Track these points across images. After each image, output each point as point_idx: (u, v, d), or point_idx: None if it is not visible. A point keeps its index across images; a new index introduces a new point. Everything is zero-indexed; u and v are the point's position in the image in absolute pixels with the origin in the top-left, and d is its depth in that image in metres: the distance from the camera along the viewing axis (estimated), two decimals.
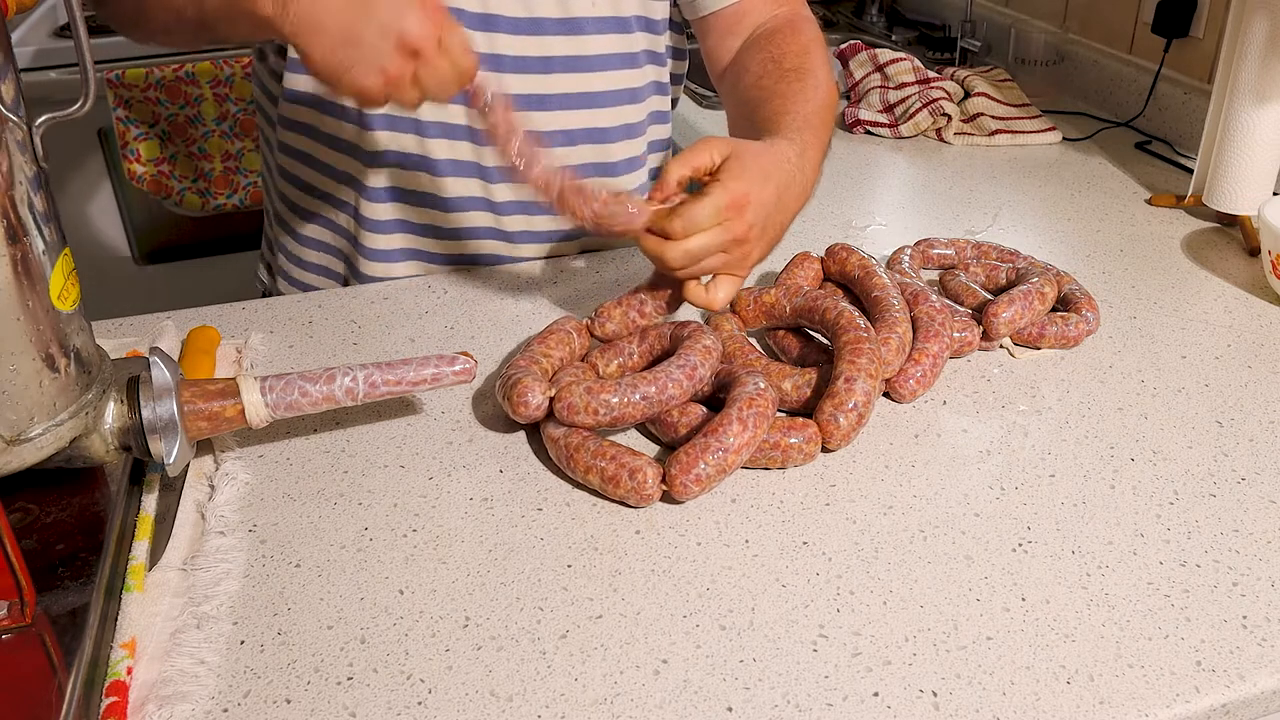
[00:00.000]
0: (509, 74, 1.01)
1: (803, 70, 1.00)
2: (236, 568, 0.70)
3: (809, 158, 0.90)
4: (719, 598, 0.68)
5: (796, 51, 1.03)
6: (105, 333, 0.95)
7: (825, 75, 1.01)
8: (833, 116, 0.98)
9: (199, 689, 0.61)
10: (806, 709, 0.60)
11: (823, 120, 0.95)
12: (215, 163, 2.09)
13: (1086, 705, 0.61)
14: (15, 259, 0.61)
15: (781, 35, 1.06)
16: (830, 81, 1.01)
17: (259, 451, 0.81)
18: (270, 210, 1.21)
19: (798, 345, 0.92)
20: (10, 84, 0.60)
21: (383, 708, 0.60)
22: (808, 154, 0.90)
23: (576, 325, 0.89)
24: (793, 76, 0.99)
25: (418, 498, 0.77)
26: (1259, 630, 0.66)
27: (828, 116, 0.96)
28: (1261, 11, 1.11)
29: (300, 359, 0.93)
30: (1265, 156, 1.16)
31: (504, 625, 0.66)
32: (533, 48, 1.01)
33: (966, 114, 1.52)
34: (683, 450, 0.74)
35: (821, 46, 1.06)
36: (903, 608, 0.67)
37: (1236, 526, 0.75)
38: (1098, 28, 1.65)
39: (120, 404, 0.69)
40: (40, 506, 0.68)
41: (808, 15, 1.10)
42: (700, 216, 0.81)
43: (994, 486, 0.78)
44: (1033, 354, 0.95)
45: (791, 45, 1.04)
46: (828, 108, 0.97)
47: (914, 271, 1.00)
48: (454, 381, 0.79)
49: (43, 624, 0.60)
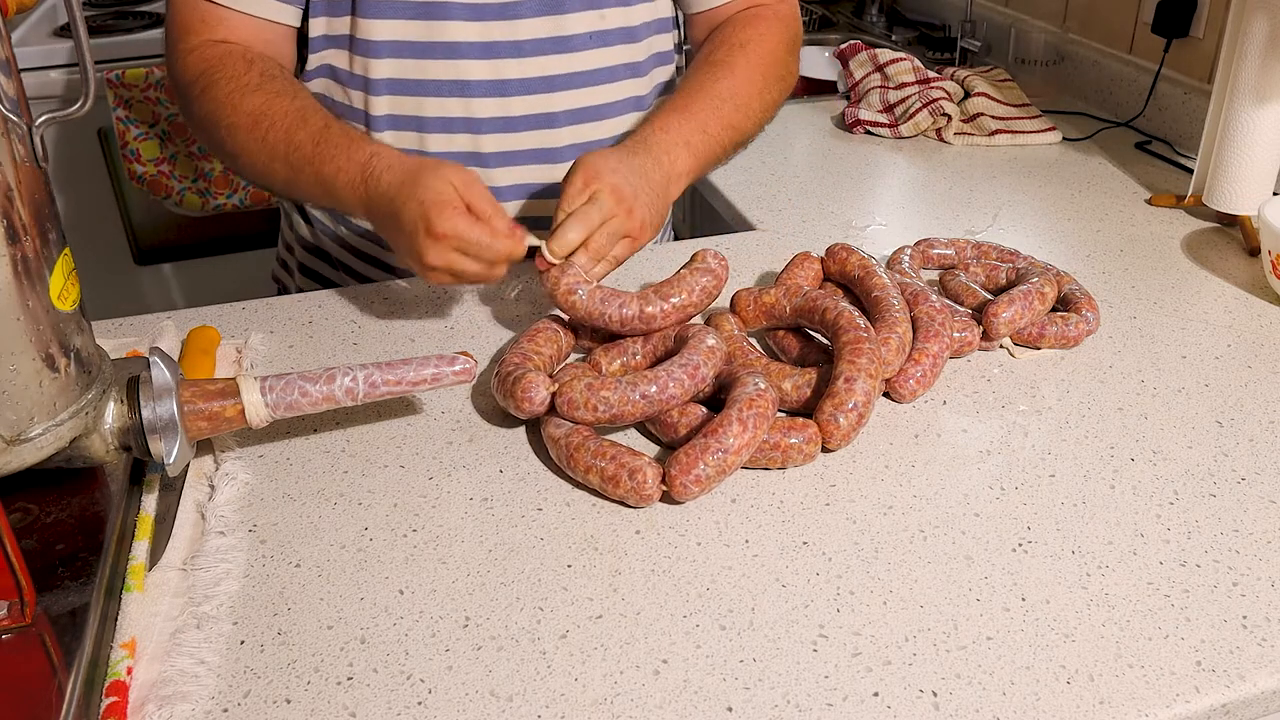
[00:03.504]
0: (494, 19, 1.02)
1: (722, 63, 1.03)
2: (236, 568, 0.70)
3: (658, 139, 0.96)
4: (719, 598, 0.68)
5: (734, 43, 1.06)
6: (105, 333, 0.95)
7: (747, 66, 1.04)
8: (736, 99, 1.02)
9: (199, 689, 0.61)
10: (806, 709, 0.60)
11: (708, 103, 1.00)
12: (215, 163, 2.08)
13: (1086, 705, 0.61)
14: (15, 259, 0.61)
15: (732, 27, 1.09)
16: (756, 65, 1.04)
17: (259, 451, 0.81)
18: (288, 210, 1.22)
19: (798, 345, 0.92)
20: (10, 84, 0.60)
21: (383, 708, 0.60)
22: (655, 137, 0.96)
23: (563, 323, 0.89)
24: (706, 68, 1.03)
25: (418, 498, 0.77)
26: (1259, 630, 0.66)
27: (721, 102, 1.01)
28: (1261, 11, 1.11)
29: (300, 359, 0.93)
30: (1265, 156, 1.16)
31: (504, 625, 0.66)
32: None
33: (966, 114, 1.52)
34: (683, 450, 0.74)
35: (772, 38, 1.08)
36: (903, 608, 0.67)
37: (1236, 526, 0.75)
38: (1098, 28, 1.65)
39: (120, 404, 0.69)
40: (40, 506, 0.68)
41: (780, 13, 1.11)
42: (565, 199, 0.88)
43: (994, 486, 0.78)
44: (1033, 354, 0.95)
45: (734, 36, 1.07)
46: (728, 96, 1.02)
47: (914, 271, 1.00)
48: (454, 381, 0.79)
49: (43, 624, 0.60)
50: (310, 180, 0.92)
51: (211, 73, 0.95)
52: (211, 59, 0.96)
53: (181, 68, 0.98)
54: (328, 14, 1.01)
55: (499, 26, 1.01)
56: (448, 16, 1.00)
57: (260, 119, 0.93)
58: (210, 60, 0.96)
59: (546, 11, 1.02)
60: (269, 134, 0.93)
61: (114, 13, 2.25)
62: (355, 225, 1.13)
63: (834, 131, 1.55)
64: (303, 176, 0.92)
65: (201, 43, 0.98)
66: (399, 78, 1.02)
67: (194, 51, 0.97)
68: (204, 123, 0.97)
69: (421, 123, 1.03)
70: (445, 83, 1.02)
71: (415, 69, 1.01)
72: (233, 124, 0.94)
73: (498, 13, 1.01)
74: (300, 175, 0.92)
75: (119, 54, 2.06)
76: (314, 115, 0.93)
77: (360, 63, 1.02)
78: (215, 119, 0.95)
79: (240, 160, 0.97)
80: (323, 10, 1.01)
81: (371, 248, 1.13)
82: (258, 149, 0.94)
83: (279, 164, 0.93)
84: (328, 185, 0.91)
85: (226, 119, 0.94)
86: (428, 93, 1.02)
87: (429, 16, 1.00)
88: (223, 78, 0.95)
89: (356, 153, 0.90)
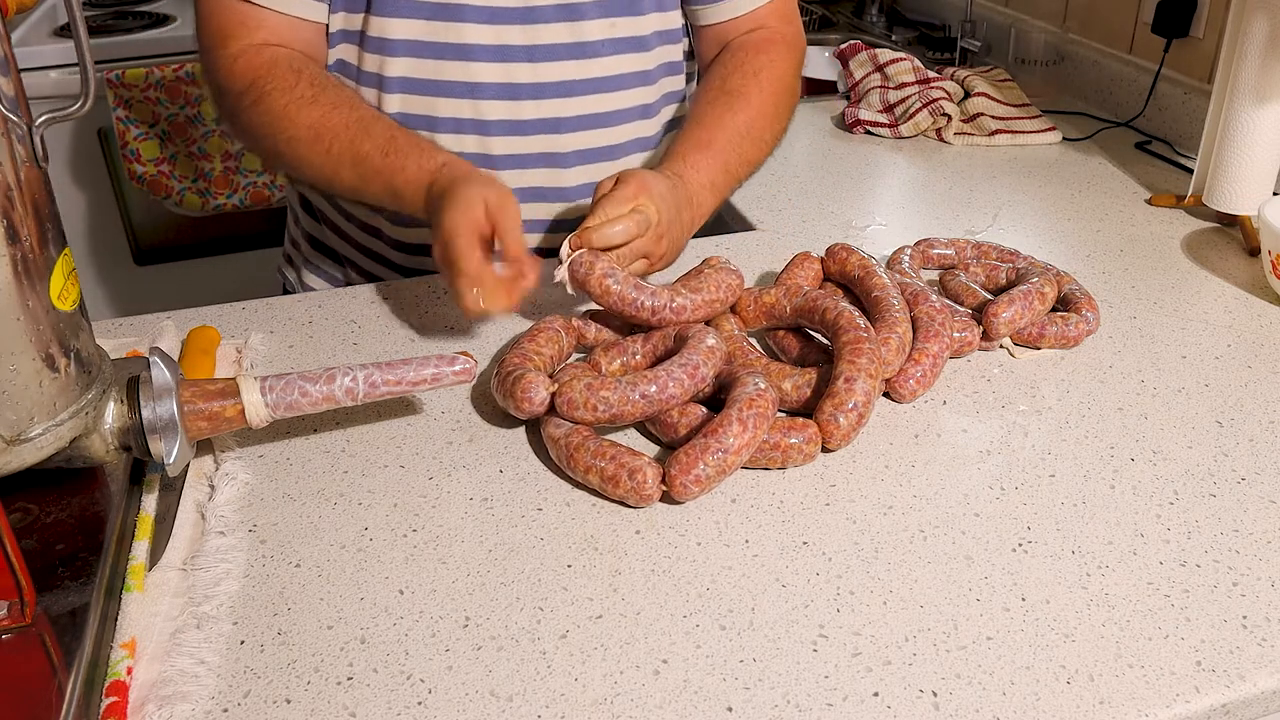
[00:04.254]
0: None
1: (738, 92, 1.06)
2: (236, 568, 0.70)
3: (691, 179, 0.99)
4: (719, 598, 0.68)
5: (748, 71, 1.08)
6: (105, 333, 0.95)
7: (761, 97, 1.07)
8: (753, 134, 1.06)
9: (199, 689, 0.61)
10: (806, 709, 0.60)
11: (729, 141, 1.03)
12: (215, 163, 2.09)
13: (1086, 705, 0.61)
14: (15, 259, 0.61)
15: (744, 52, 1.10)
16: (768, 95, 1.07)
17: (259, 451, 0.81)
18: (294, 208, 1.23)
19: (798, 345, 0.92)
20: (10, 84, 0.60)
21: (383, 708, 0.60)
22: (689, 176, 0.99)
23: (564, 324, 0.89)
24: (724, 99, 1.05)
25: (418, 498, 0.77)
26: (1259, 630, 0.66)
27: (740, 139, 1.04)
28: (1261, 11, 1.11)
29: (300, 359, 0.93)
30: (1265, 156, 1.16)
31: (504, 625, 0.66)
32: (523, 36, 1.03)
33: (966, 114, 1.52)
34: (683, 450, 0.74)
35: (782, 65, 1.10)
36: (903, 608, 0.67)
37: (1236, 526, 0.75)
38: (1098, 28, 1.65)
39: (120, 404, 0.69)
40: (40, 506, 0.68)
41: (787, 36, 1.14)
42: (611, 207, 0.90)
43: (994, 486, 0.78)
44: (1033, 354, 0.95)
45: (747, 64, 1.09)
46: (745, 131, 1.05)
47: (914, 271, 1.00)
48: (454, 381, 0.79)
49: (43, 624, 0.60)
50: (380, 189, 0.95)
51: (262, 84, 0.96)
52: (259, 68, 0.97)
53: (228, 76, 0.98)
54: (345, 9, 1.02)
55: (515, 31, 1.01)
56: (463, 19, 1.00)
57: (322, 132, 0.95)
58: (258, 69, 0.97)
59: (565, 18, 1.02)
60: (332, 146, 0.95)
61: (114, 13, 2.25)
62: (360, 220, 1.13)
63: (834, 131, 1.55)
64: (371, 186, 0.95)
65: (244, 48, 0.98)
66: (413, 77, 1.02)
67: (239, 59, 0.98)
68: (256, 133, 0.98)
69: (433, 123, 1.03)
70: (457, 84, 1.02)
71: (429, 69, 1.02)
72: (292, 137, 0.96)
73: (515, 17, 1.01)
74: (368, 185, 0.95)
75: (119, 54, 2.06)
76: (376, 125, 0.96)
77: (374, 60, 1.02)
78: (272, 131, 0.96)
79: (301, 171, 0.99)
80: (341, 6, 1.02)
81: (375, 244, 1.13)
82: (321, 161, 0.96)
83: (346, 172, 0.95)
84: (398, 194, 0.94)
85: (285, 132, 0.96)
86: (440, 93, 1.02)
87: (445, 18, 1.00)
88: (275, 89, 0.96)
89: (427, 161, 0.92)
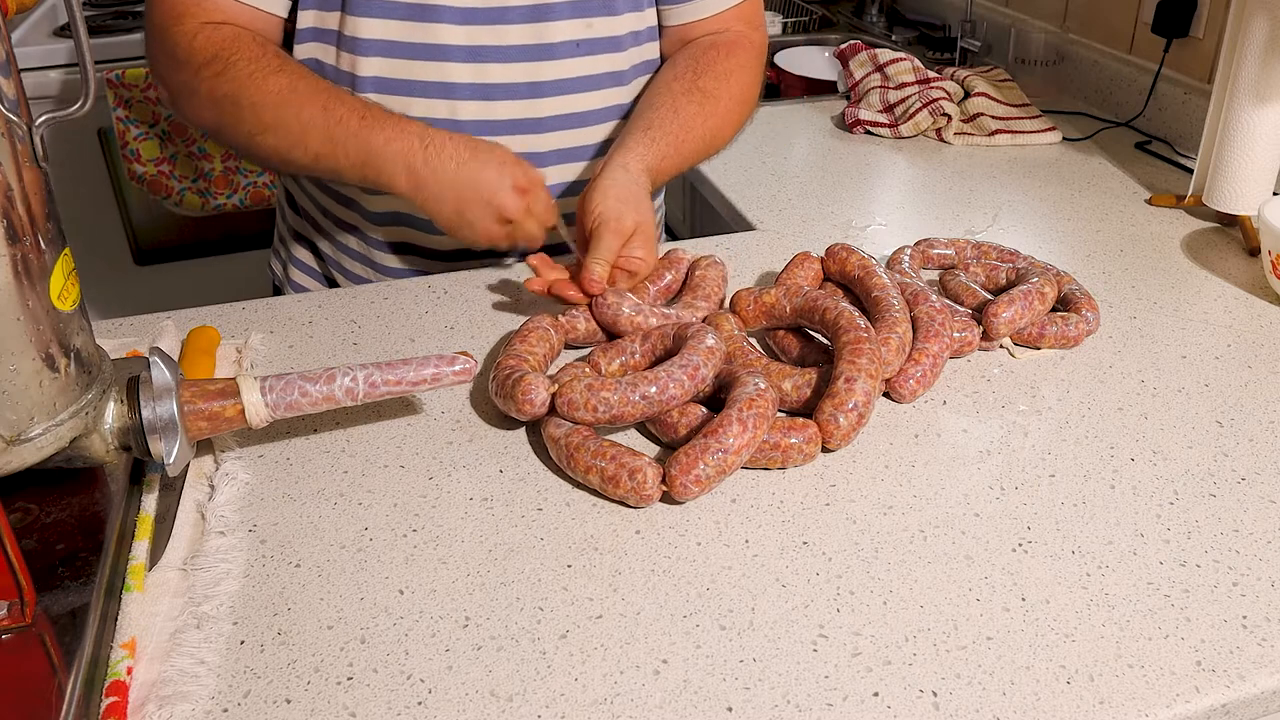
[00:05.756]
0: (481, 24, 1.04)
1: (710, 94, 1.07)
2: (236, 568, 0.70)
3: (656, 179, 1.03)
4: (719, 598, 0.68)
5: (720, 72, 1.09)
6: (105, 333, 0.95)
7: (730, 100, 1.09)
8: (715, 142, 1.10)
9: (199, 689, 0.61)
10: (806, 709, 0.60)
11: (700, 138, 1.07)
12: (215, 163, 2.09)
13: (1086, 705, 0.61)
14: (15, 259, 0.61)
15: (716, 51, 1.11)
16: (736, 102, 1.10)
17: (259, 451, 0.81)
18: (281, 204, 1.22)
19: (798, 345, 0.92)
20: (10, 84, 0.60)
21: (383, 708, 0.60)
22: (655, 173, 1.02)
23: (553, 322, 0.90)
24: (698, 96, 1.07)
25: (418, 498, 0.77)
26: (1259, 630, 0.66)
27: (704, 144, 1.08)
28: (1261, 11, 1.11)
29: (300, 359, 0.93)
30: (1265, 156, 1.16)
31: (504, 625, 0.66)
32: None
33: (966, 114, 1.52)
34: (683, 451, 0.74)
35: (751, 71, 1.13)
36: (903, 608, 0.67)
37: (1236, 526, 0.75)
38: (1098, 28, 1.65)
39: (120, 404, 0.69)
40: (40, 506, 0.68)
41: (755, 42, 1.15)
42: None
43: (994, 486, 0.78)
44: (1033, 354, 0.95)
45: (720, 64, 1.10)
46: (710, 138, 1.09)
47: (914, 271, 1.00)
48: (454, 381, 0.79)
49: (43, 624, 0.60)
50: (353, 150, 0.93)
51: (227, 54, 0.95)
52: (221, 42, 0.96)
53: (188, 50, 0.96)
54: (318, 7, 1.01)
55: (486, 31, 1.01)
56: (438, 19, 1.00)
57: (291, 95, 0.94)
58: (221, 43, 0.96)
59: (532, 19, 1.03)
60: (302, 109, 0.94)
61: (114, 13, 2.25)
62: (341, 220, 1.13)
63: (834, 131, 1.55)
64: (342, 148, 0.94)
65: (202, 25, 0.97)
66: (386, 77, 1.02)
67: (199, 35, 0.96)
68: (221, 102, 0.96)
69: None
70: (431, 84, 1.02)
71: (402, 69, 1.02)
72: (257, 102, 0.94)
73: (486, 17, 1.01)
74: (339, 147, 0.94)
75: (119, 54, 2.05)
76: (347, 94, 0.96)
77: (348, 60, 1.02)
78: (236, 99, 0.95)
79: (264, 139, 0.96)
80: (313, 4, 1.01)
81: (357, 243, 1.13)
82: (291, 121, 0.94)
83: (315, 136, 0.94)
84: (374, 153, 0.93)
85: (249, 97, 0.94)
86: (414, 93, 1.02)
87: (419, 18, 1.00)
88: (241, 59, 0.95)
89: (409, 124, 0.94)
